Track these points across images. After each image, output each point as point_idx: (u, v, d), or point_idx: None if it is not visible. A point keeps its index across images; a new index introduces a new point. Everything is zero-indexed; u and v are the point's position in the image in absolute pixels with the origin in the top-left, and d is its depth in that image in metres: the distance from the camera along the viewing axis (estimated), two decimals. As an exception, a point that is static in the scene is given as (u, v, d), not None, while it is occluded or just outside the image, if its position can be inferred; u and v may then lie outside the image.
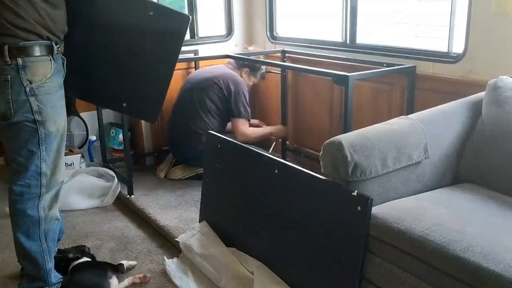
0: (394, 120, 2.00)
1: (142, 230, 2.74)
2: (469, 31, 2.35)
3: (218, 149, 2.39)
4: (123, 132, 3.15)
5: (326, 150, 1.78)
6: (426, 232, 1.55)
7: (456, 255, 1.45)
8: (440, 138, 1.97)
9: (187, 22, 2.05)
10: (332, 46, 3.19)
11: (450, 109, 2.07)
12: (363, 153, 1.73)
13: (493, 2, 2.23)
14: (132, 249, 2.54)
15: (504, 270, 1.35)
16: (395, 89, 2.77)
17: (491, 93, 1.98)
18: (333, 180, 1.79)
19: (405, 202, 1.79)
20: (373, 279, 1.71)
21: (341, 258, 1.76)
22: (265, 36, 3.68)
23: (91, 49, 2.13)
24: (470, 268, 1.40)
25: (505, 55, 2.24)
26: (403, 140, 1.86)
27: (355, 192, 1.69)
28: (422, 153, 1.89)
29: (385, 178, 1.82)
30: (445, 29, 2.55)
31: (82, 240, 2.62)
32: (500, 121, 1.92)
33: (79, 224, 2.83)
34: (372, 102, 2.91)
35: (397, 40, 2.90)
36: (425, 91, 2.58)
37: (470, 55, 2.38)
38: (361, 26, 3.05)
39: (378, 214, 1.69)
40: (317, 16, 3.46)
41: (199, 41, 3.70)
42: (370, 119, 2.70)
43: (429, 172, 1.95)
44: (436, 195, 1.87)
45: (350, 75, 2.40)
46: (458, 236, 1.51)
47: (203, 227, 2.41)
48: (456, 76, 2.44)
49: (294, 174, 1.98)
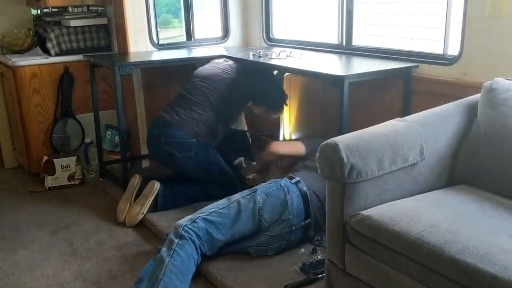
0: (390, 122, 2.00)
1: (138, 232, 2.73)
2: (465, 34, 2.36)
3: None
4: (120, 134, 3.15)
5: (322, 152, 1.79)
6: (422, 234, 1.55)
7: (452, 257, 1.45)
8: (436, 140, 1.98)
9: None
10: (328, 48, 3.19)
11: (445, 111, 2.07)
12: (359, 155, 1.74)
13: (488, 5, 2.24)
14: (129, 251, 2.53)
15: (500, 272, 1.36)
16: (390, 91, 2.78)
17: (486, 95, 1.99)
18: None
19: (401, 204, 1.80)
20: (369, 281, 1.72)
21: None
22: (261, 38, 3.68)
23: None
24: (465, 270, 1.40)
25: (500, 57, 2.25)
26: (399, 142, 1.86)
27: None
28: (418, 155, 1.90)
29: (381, 179, 1.82)
30: (440, 31, 2.56)
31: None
32: (495, 123, 1.92)
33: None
34: (368, 104, 2.91)
35: (393, 42, 2.91)
36: (420, 93, 2.59)
37: (465, 57, 2.39)
38: (357, 28, 3.06)
39: (374, 216, 1.69)
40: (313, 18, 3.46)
41: (196, 43, 3.70)
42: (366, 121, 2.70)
43: (425, 173, 1.95)
44: (432, 197, 1.87)
45: (346, 77, 2.41)
46: (454, 238, 1.51)
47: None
48: (451, 78, 2.45)
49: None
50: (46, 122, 3.47)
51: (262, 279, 2.18)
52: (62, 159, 3.37)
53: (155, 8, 3.54)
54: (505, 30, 2.21)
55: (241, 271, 2.25)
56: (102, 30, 3.63)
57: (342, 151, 1.72)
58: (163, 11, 3.91)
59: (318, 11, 3.41)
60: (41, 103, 3.43)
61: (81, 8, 3.56)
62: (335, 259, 1.85)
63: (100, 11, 3.64)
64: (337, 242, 1.82)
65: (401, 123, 1.96)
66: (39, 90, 3.40)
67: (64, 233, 2.76)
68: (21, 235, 2.75)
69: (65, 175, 3.37)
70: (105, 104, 3.59)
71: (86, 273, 2.36)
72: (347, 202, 1.77)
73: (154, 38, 3.53)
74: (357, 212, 1.75)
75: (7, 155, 3.80)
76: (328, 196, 1.84)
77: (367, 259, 1.71)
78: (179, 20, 3.84)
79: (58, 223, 2.88)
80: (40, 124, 3.45)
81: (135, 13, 3.38)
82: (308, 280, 2.15)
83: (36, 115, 3.42)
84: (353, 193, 1.77)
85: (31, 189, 3.38)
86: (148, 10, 3.43)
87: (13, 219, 2.96)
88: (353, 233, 1.73)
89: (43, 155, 3.43)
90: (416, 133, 1.91)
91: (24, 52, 3.56)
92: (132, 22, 3.38)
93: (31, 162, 3.48)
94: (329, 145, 1.76)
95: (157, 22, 3.59)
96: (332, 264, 1.87)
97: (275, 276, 2.19)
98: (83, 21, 3.54)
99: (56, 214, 3.01)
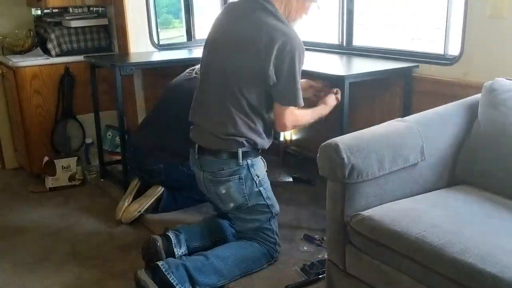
0: (391, 122, 2.00)
1: (139, 233, 2.73)
2: (465, 34, 2.36)
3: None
4: (120, 134, 3.15)
5: (323, 152, 1.79)
6: (423, 234, 1.55)
7: (452, 257, 1.45)
8: (437, 140, 1.98)
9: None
10: (328, 48, 3.19)
11: (446, 111, 2.07)
12: (359, 155, 1.74)
13: (488, 5, 2.24)
14: (130, 251, 2.53)
15: (501, 272, 1.36)
16: (391, 91, 2.78)
17: (487, 95, 1.99)
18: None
19: (402, 204, 1.80)
20: (370, 281, 1.72)
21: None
22: (262, 39, 3.67)
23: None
24: (466, 270, 1.41)
25: (500, 57, 2.25)
26: (400, 142, 1.87)
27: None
28: (418, 155, 1.90)
29: (381, 180, 1.82)
30: (441, 31, 2.56)
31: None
32: (496, 123, 1.92)
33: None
34: (368, 104, 2.91)
35: (393, 42, 2.91)
36: (421, 93, 2.59)
37: (466, 57, 2.39)
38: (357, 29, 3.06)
39: (374, 216, 1.69)
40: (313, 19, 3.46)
41: (196, 44, 3.70)
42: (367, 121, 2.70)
43: (426, 174, 1.95)
44: (432, 197, 1.87)
45: (346, 77, 2.40)
46: (455, 238, 1.51)
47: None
48: (452, 78, 2.45)
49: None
50: (47, 122, 3.47)
51: (262, 279, 2.18)
52: (62, 159, 3.38)
53: (156, 8, 3.55)
54: (506, 30, 2.21)
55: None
56: (102, 30, 3.63)
57: (343, 151, 1.72)
58: (163, 12, 3.92)
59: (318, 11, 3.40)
60: (41, 104, 3.43)
61: (81, 8, 3.56)
62: (336, 259, 1.85)
63: (100, 12, 3.64)
64: (337, 242, 1.82)
65: (402, 123, 1.96)
66: (40, 91, 3.40)
67: (65, 233, 2.76)
68: (22, 236, 2.75)
69: (65, 176, 3.37)
70: (106, 105, 3.59)
71: (86, 273, 2.36)
72: (347, 202, 1.77)
73: (155, 38, 3.53)
74: (357, 212, 1.75)
75: (8, 155, 3.80)
76: (329, 196, 1.84)
77: (368, 259, 1.71)
78: (179, 20, 3.84)
79: (59, 224, 2.88)
80: (40, 124, 3.45)
81: (135, 13, 3.38)
82: (308, 280, 2.15)
83: (36, 115, 3.42)
84: (354, 194, 1.77)
85: (32, 190, 3.38)
86: (149, 11, 3.43)
87: (14, 220, 2.96)
88: (354, 233, 1.73)
89: (43, 155, 3.43)
90: (416, 133, 1.91)
91: (25, 52, 3.56)
92: (133, 22, 3.39)
93: (32, 162, 3.48)
94: (330, 146, 1.76)
95: (158, 22, 3.59)
96: (333, 264, 1.87)
97: (276, 276, 2.19)
98: (84, 22, 3.54)
99: (56, 214, 3.01)
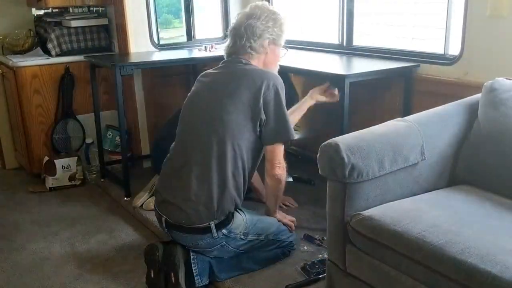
0: (391, 122, 2.00)
1: (139, 233, 2.74)
2: (465, 33, 2.36)
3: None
4: (121, 134, 3.15)
5: (323, 152, 1.78)
6: (423, 234, 1.55)
7: (453, 257, 1.45)
8: (437, 140, 1.98)
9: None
10: (328, 48, 3.19)
11: (446, 111, 2.07)
12: (360, 155, 1.74)
13: (489, 4, 2.24)
14: (130, 251, 2.53)
15: (501, 272, 1.35)
16: (391, 91, 2.78)
17: (487, 95, 1.99)
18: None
19: (402, 204, 1.80)
20: (370, 281, 1.72)
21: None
22: (262, 38, 3.67)
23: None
24: (467, 270, 1.40)
25: (501, 57, 2.25)
26: (400, 142, 1.86)
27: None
28: (418, 155, 1.89)
29: (382, 180, 1.82)
30: (441, 31, 2.56)
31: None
32: (496, 122, 1.92)
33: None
34: (369, 104, 2.91)
35: (394, 42, 2.91)
36: (421, 93, 2.59)
37: (466, 57, 2.39)
38: (357, 28, 3.05)
39: (375, 216, 1.69)
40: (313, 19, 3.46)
41: (196, 44, 3.70)
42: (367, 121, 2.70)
43: (426, 173, 1.95)
44: (432, 197, 1.87)
45: (347, 76, 2.41)
46: (455, 238, 1.51)
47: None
48: (452, 78, 2.45)
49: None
50: (47, 122, 3.47)
51: (263, 279, 2.18)
52: (63, 159, 3.38)
53: (156, 8, 3.54)
54: (506, 29, 2.21)
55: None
56: (102, 30, 3.63)
57: (343, 151, 1.72)
58: (163, 12, 3.92)
59: (319, 11, 3.41)
60: (42, 104, 3.43)
61: (81, 8, 3.57)
62: (336, 259, 1.85)
63: (100, 12, 3.65)
64: (338, 242, 1.82)
65: (402, 123, 1.96)
66: (40, 91, 3.40)
67: (65, 233, 2.76)
68: (22, 236, 2.76)
69: (66, 176, 3.38)
70: (106, 105, 3.59)
71: (87, 273, 2.36)
72: (347, 202, 1.77)
73: (155, 38, 3.53)
74: (358, 212, 1.75)
75: (8, 155, 3.81)
76: (329, 196, 1.84)
77: (368, 259, 1.71)
78: (179, 20, 3.84)
79: (59, 224, 2.88)
80: (41, 124, 3.45)
81: (135, 13, 3.38)
82: (309, 280, 2.15)
83: (37, 115, 3.43)
84: (354, 193, 1.77)
85: (32, 190, 3.39)
86: (149, 11, 3.43)
87: (14, 220, 2.96)
88: (354, 233, 1.73)
89: (44, 155, 3.43)
90: (417, 133, 1.91)
91: (25, 52, 3.57)
92: (133, 22, 3.38)
93: (32, 162, 3.49)
94: (330, 145, 1.75)
95: (158, 22, 3.59)
96: (333, 264, 1.87)
97: (276, 276, 2.19)
98: (84, 22, 3.54)
99: (57, 214, 3.01)
